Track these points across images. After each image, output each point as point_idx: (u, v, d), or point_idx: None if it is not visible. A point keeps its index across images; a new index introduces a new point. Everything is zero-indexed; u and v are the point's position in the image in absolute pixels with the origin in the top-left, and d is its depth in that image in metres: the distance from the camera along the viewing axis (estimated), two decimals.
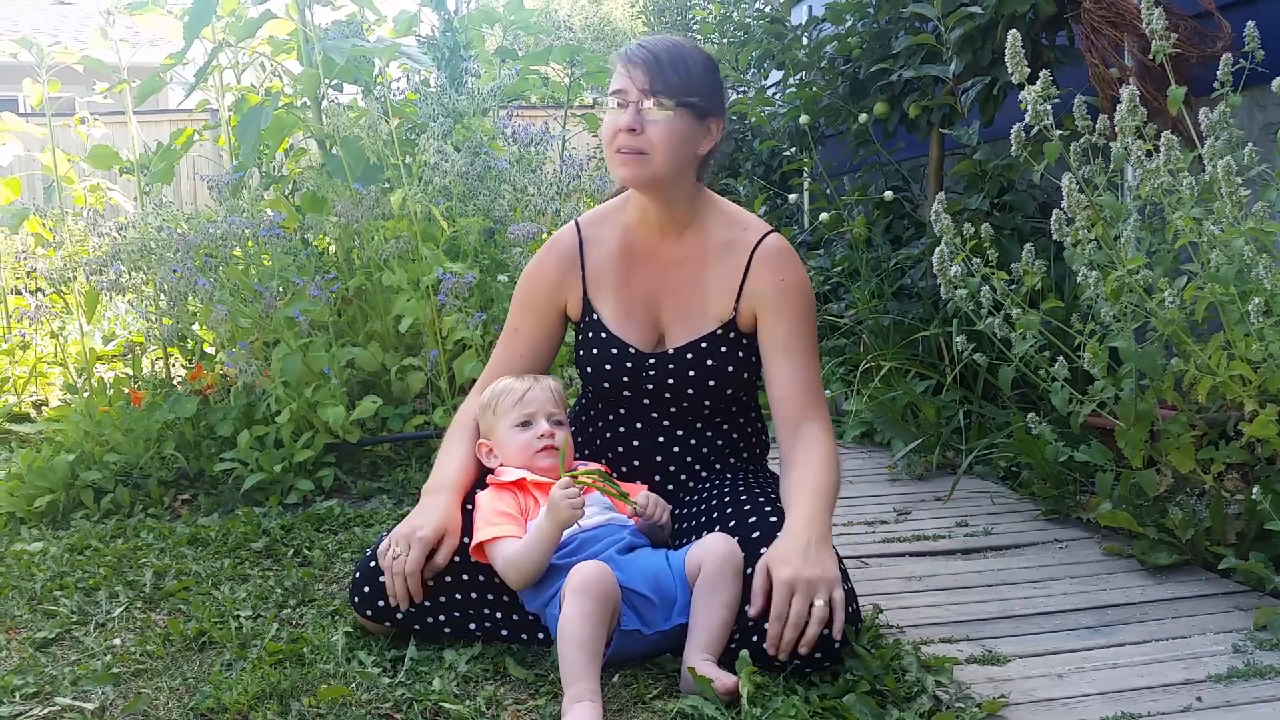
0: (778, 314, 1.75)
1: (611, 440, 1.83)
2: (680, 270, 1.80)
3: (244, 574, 2.04)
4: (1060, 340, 2.27)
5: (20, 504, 2.56)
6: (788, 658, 1.45)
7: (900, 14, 3.58)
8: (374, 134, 3.07)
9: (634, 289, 1.81)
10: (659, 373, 1.78)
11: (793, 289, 1.75)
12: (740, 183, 5.34)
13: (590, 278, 1.83)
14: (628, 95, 1.66)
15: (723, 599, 1.49)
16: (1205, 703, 1.42)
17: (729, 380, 1.78)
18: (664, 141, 1.66)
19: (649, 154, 1.66)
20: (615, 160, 1.69)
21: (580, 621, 1.42)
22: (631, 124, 1.65)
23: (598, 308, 1.82)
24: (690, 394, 1.78)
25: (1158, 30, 2.08)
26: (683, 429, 1.81)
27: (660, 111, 1.65)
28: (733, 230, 1.80)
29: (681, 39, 1.77)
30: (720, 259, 1.78)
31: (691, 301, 1.79)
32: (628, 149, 1.66)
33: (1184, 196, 1.95)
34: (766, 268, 1.76)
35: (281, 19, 3.54)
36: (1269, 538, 1.87)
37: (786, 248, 1.79)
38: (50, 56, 3.71)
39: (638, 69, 1.65)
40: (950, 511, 2.43)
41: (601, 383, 1.82)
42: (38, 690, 1.54)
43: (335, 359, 2.79)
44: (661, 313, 1.80)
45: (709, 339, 1.77)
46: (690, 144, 1.69)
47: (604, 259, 1.83)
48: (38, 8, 15.93)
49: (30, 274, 4.25)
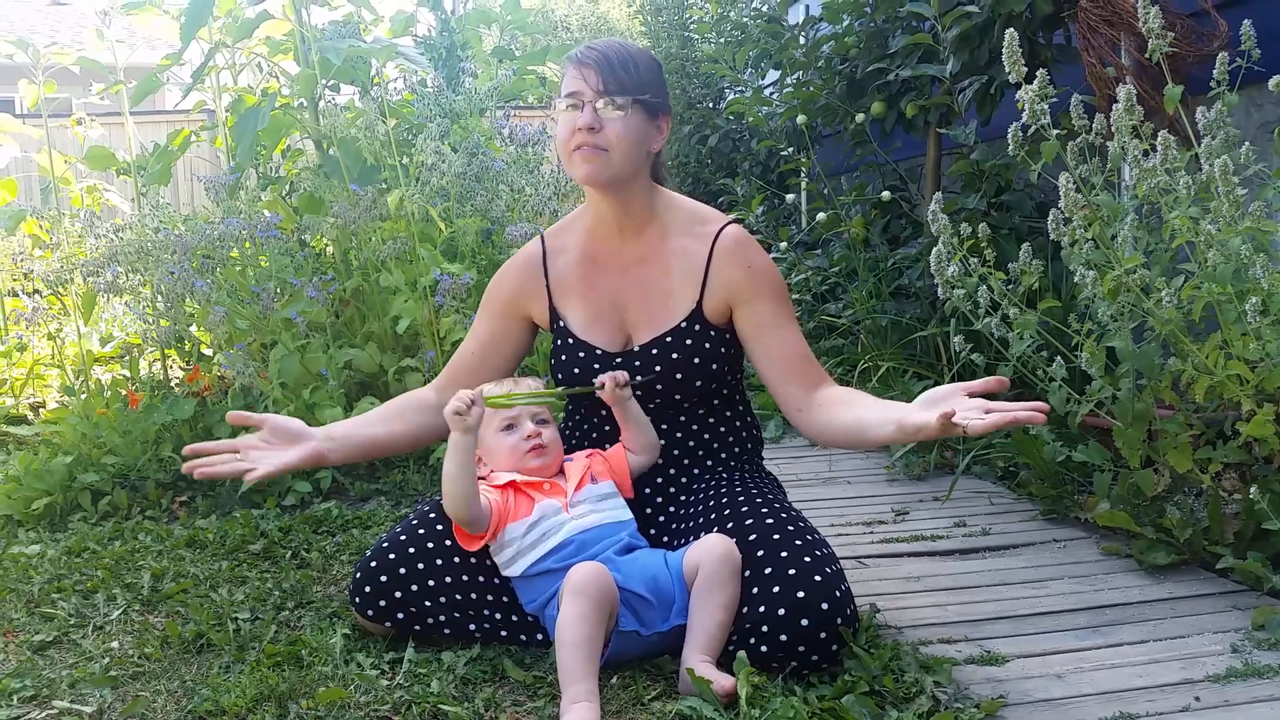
0: (754, 299, 1.77)
1: (597, 445, 1.83)
2: (642, 269, 1.82)
3: (242, 576, 2.04)
4: (1058, 340, 2.27)
5: (17, 506, 2.56)
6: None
7: (897, 13, 3.58)
8: (371, 134, 3.07)
9: (599, 293, 1.83)
10: (629, 371, 1.78)
11: (761, 273, 1.78)
12: (738, 183, 5.33)
13: (555, 286, 1.86)
14: (582, 96, 1.69)
15: (720, 600, 1.49)
16: (1203, 702, 1.42)
17: (699, 372, 1.78)
18: (621, 139, 1.69)
19: (608, 151, 1.69)
20: (574, 160, 1.71)
21: (577, 622, 1.42)
22: (590, 123, 1.68)
23: (564, 315, 1.85)
24: (660, 388, 1.78)
25: (1154, 29, 2.08)
26: (666, 428, 1.81)
27: (616, 110, 1.69)
28: (691, 225, 1.82)
29: (626, 40, 1.82)
30: (681, 254, 1.80)
31: (655, 299, 1.80)
32: (587, 147, 1.69)
33: (1181, 196, 1.95)
34: (729, 258, 1.78)
35: (278, 19, 3.53)
36: (1267, 537, 1.87)
37: (745, 235, 1.81)
38: (46, 57, 3.71)
39: (590, 70, 1.69)
40: (948, 511, 2.43)
41: (574, 387, 1.82)
42: (35, 693, 1.53)
43: (333, 360, 2.79)
44: (628, 313, 1.82)
45: (674, 332, 1.78)
46: (645, 141, 1.74)
47: (568, 266, 1.86)
48: (34, 8, 15.91)
49: (27, 276, 4.24)
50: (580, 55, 1.72)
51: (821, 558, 1.53)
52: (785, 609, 1.46)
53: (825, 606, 1.46)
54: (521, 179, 3.18)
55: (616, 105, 1.69)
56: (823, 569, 1.51)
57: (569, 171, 1.76)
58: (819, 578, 1.49)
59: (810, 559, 1.51)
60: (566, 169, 1.77)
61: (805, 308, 4.09)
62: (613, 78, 1.69)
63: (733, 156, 6.05)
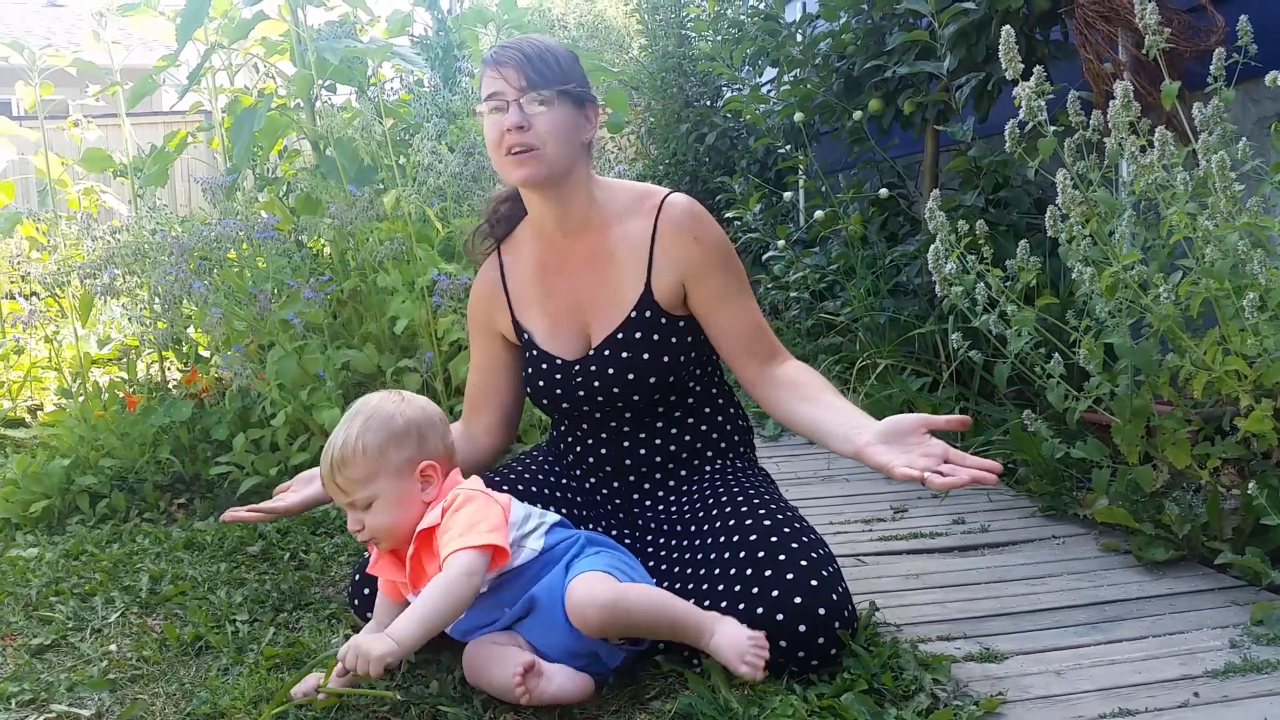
0: (704, 274, 1.72)
1: (581, 455, 1.82)
2: (593, 265, 1.77)
3: (240, 578, 2.04)
4: (1056, 336, 2.26)
5: (15, 510, 2.56)
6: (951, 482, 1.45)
7: (894, 10, 3.58)
8: (368, 135, 3.06)
9: (557, 300, 1.79)
10: (585, 377, 1.75)
11: (710, 245, 1.73)
12: (735, 181, 5.33)
13: (515, 300, 1.83)
14: (505, 96, 1.65)
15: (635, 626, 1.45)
16: (1202, 698, 1.42)
17: (656, 367, 1.73)
18: (552, 132, 1.65)
19: (540, 148, 1.65)
20: (508, 164, 1.67)
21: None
22: (519, 122, 1.63)
23: (527, 328, 1.82)
24: (618, 391, 1.74)
25: (1151, 25, 2.07)
26: (645, 429, 1.78)
27: (540, 105, 1.65)
28: (633, 204, 1.77)
29: (539, 35, 1.79)
30: (626, 238, 1.75)
31: (608, 295, 1.76)
32: (519, 147, 1.65)
33: (1178, 192, 1.94)
34: (675, 231, 1.73)
35: (274, 20, 3.53)
36: (1265, 532, 1.87)
37: (690, 204, 1.75)
38: (42, 59, 3.70)
39: (509, 69, 1.65)
40: (947, 509, 2.43)
41: (542, 400, 1.81)
42: (34, 697, 1.53)
43: (330, 361, 2.78)
44: (585, 314, 1.78)
45: (624, 326, 1.73)
46: (575, 132, 1.69)
47: (523, 278, 1.82)
48: (30, 10, 15.90)
49: (24, 278, 4.24)
50: (496, 56, 1.67)
51: (819, 559, 1.52)
52: (783, 614, 1.45)
53: (823, 611, 1.45)
54: None
55: (541, 99, 1.64)
56: (819, 571, 1.49)
57: (504, 177, 1.71)
58: (815, 581, 1.48)
59: (807, 561, 1.50)
60: (501, 174, 1.71)
61: (803, 305, 4.09)
62: (533, 72, 1.64)
63: (730, 154, 6.04)
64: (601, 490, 1.82)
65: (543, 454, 1.90)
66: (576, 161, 1.71)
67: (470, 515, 1.46)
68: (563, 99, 1.66)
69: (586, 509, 1.81)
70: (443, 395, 2.83)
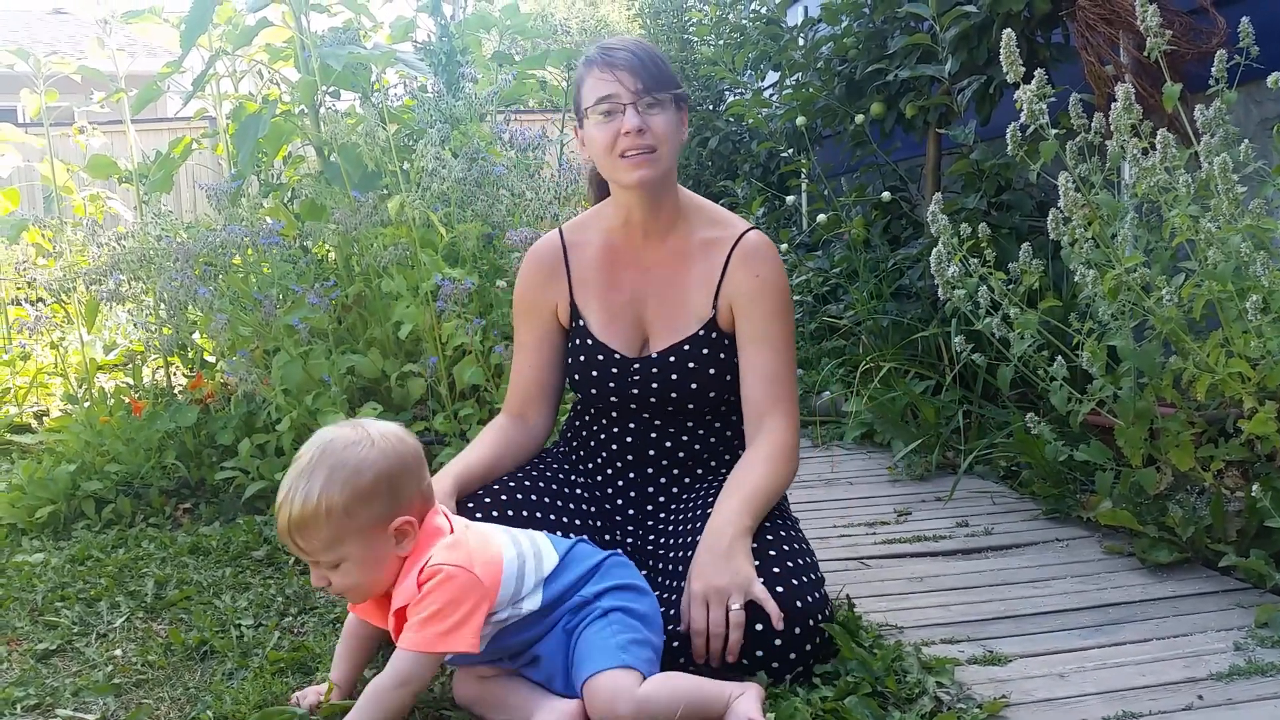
0: (750, 309, 1.75)
1: (604, 442, 1.83)
2: (663, 271, 1.79)
3: (245, 583, 2.04)
4: (1059, 339, 2.27)
5: (21, 515, 2.56)
6: (731, 661, 1.46)
7: (895, 14, 3.58)
8: (372, 140, 3.07)
9: (619, 292, 1.81)
10: (644, 377, 1.77)
11: (766, 285, 1.75)
12: (738, 184, 5.34)
13: (576, 282, 1.83)
14: (620, 99, 1.65)
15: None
16: (1206, 701, 1.42)
17: (712, 381, 1.77)
18: (667, 136, 1.68)
19: (656, 150, 1.67)
20: (623, 166, 1.67)
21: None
22: (639, 125, 1.65)
23: (584, 313, 1.82)
24: (675, 396, 1.77)
25: (1152, 27, 2.08)
26: (674, 430, 1.80)
27: (657, 108, 1.66)
28: (713, 229, 1.80)
29: (629, 36, 1.80)
30: (701, 258, 1.78)
31: (674, 303, 1.78)
32: (638, 149, 1.66)
33: (1181, 194, 1.94)
34: (743, 264, 1.76)
35: (278, 26, 3.54)
36: (1269, 535, 1.87)
37: (765, 244, 1.78)
38: (47, 66, 3.72)
39: (624, 71, 1.66)
40: (951, 512, 2.42)
41: (589, 389, 1.82)
42: (39, 702, 1.54)
43: (335, 366, 2.79)
44: (646, 315, 1.80)
45: (691, 340, 1.76)
46: (680, 134, 1.73)
47: (588, 263, 1.83)
48: (35, 17, 15.96)
49: (30, 284, 4.25)
50: (606, 58, 1.67)
51: (795, 568, 1.55)
52: (762, 624, 1.48)
53: (799, 631, 1.48)
54: (522, 183, 3.18)
55: (657, 102, 1.66)
56: (790, 581, 1.52)
57: (616, 179, 1.71)
58: (800, 604, 1.50)
59: (780, 570, 1.53)
60: (611, 177, 1.72)
61: (806, 309, 4.09)
62: (648, 75, 1.65)
63: (733, 158, 6.05)
64: (615, 483, 1.82)
65: (551, 455, 1.90)
66: (675, 164, 1.75)
67: (440, 602, 1.31)
68: (673, 101, 1.69)
69: (598, 519, 1.79)
70: (447, 400, 2.83)
